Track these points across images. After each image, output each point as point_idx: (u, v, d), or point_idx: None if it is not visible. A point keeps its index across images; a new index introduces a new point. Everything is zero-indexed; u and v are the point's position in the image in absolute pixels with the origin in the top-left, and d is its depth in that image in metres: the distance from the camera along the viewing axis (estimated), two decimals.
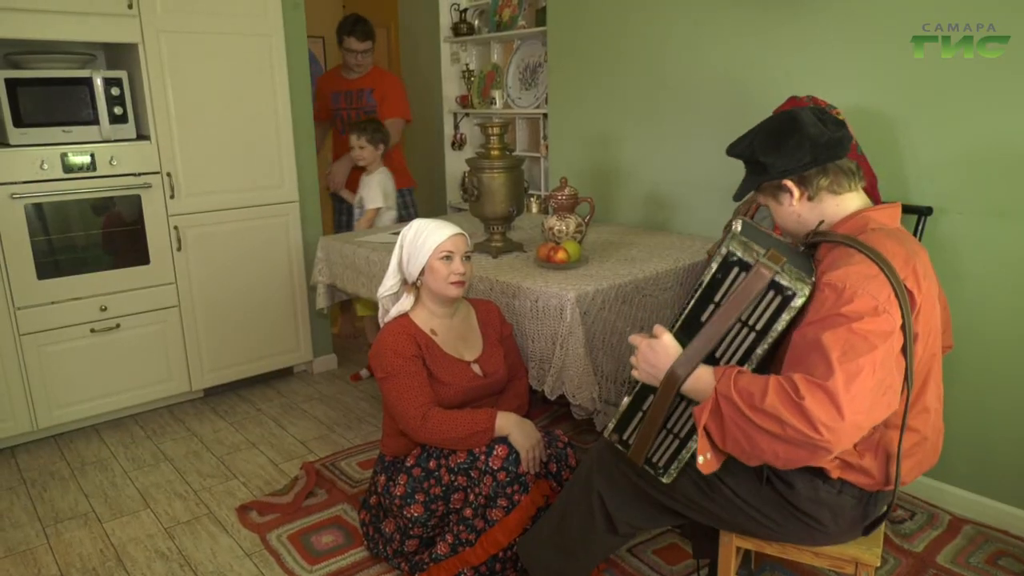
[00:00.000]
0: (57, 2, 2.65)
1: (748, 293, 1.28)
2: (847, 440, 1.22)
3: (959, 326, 2.05)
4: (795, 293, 1.25)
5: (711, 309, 1.34)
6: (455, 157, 4.41)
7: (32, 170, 2.70)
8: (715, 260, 1.33)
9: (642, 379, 1.44)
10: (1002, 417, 2.20)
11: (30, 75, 2.71)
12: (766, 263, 1.27)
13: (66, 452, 2.87)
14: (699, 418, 1.32)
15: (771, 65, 2.55)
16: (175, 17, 2.89)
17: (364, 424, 3.08)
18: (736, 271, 1.31)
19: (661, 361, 1.38)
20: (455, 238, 1.99)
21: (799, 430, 1.20)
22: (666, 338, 1.39)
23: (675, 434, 1.43)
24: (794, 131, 1.44)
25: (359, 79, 3.72)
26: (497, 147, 2.52)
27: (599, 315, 2.17)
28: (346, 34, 3.59)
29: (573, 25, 3.26)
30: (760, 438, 1.25)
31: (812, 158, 1.43)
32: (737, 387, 1.27)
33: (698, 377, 1.35)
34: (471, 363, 2.07)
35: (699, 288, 1.36)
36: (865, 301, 1.25)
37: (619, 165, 3.19)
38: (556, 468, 2.00)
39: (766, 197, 1.55)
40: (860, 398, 1.20)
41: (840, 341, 1.23)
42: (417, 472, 1.97)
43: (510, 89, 3.99)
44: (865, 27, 2.28)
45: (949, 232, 2.21)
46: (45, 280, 2.78)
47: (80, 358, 2.91)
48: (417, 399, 1.93)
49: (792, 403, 1.21)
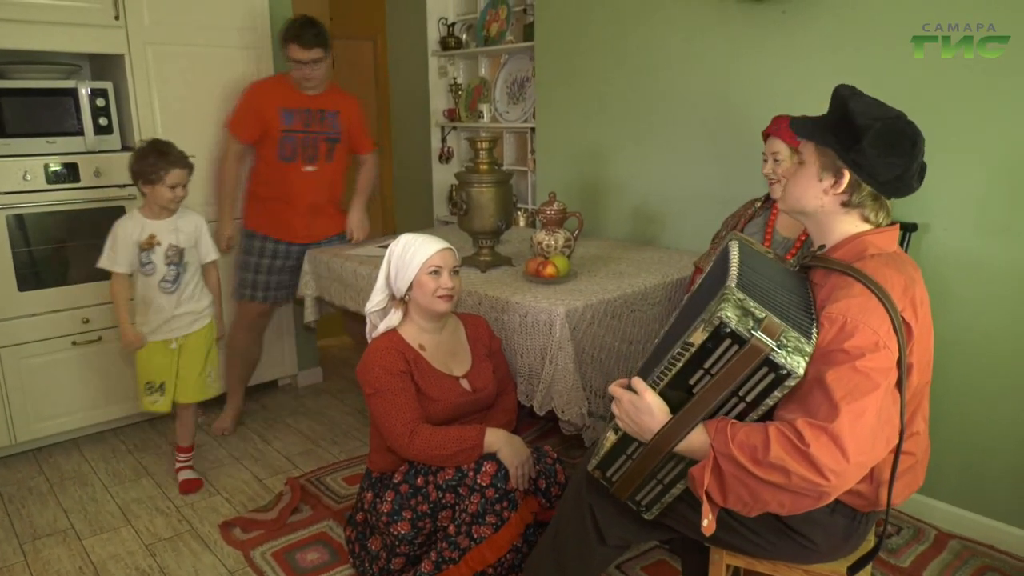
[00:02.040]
0: (43, 13, 2.63)
1: (741, 368, 1.21)
2: (851, 481, 1.21)
3: (945, 344, 2.06)
4: (789, 373, 1.18)
5: (701, 375, 1.26)
6: (443, 170, 4.41)
7: (15, 181, 2.66)
8: (706, 326, 1.21)
9: (626, 431, 1.38)
10: (988, 432, 2.22)
11: (14, 85, 2.68)
12: (761, 338, 1.17)
13: (45, 467, 2.82)
14: (699, 481, 1.26)
15: (760, 80, 2.57)
16: (162, 29, 2.88)
17: (350, 439, 3.05)
18: (728, 343, 1.20)
19: (646, 422, 1.32)
20: (443, 252, 1.98)
21: (806, 478, 1.18)
22: (650, 398, 1.32)
23: (660, 480, 1.40)
24: (911, 152, 1.35)
25: (319, 97, 2.98)
26: (485, 161, 2.52)
27: (588, 330, 2.16)
28: (290, 40, 2.81)
29: (560, 40, 3.28)
30: (764, 491, 1.22)
31: (887, 181, 1.36)
32: (736, 442, 1.23)
33: (690, 437, 1.29)
34: (460, 378, 2.06)
35: (687, 348, 1.25)
36: (866, 336, 1.23)
37: (607, 179, 3.20)
38: (545, 484, 1.99)
39: (808, 158, 1.42)
40: (863, 438, 1.19)
41: (843, 380, 1.20)
42: (404, 489, 1.95)
43: (498, 103, 4.00)
44: (853, 41, 2.31)
45: (935, 249, 2.23)
46: (26, 292, 2.74)
47: (61, 371, 2.86)
48: (405, 415, 1.91)
49: (797, 452, 1.18)
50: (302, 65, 2.83)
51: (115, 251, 2.43)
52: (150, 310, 2.50)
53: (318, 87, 2.97)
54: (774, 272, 1.42)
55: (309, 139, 2.96)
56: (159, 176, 2.38)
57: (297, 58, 2.82)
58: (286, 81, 2.95)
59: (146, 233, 2.44)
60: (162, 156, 2.39)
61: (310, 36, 2.80)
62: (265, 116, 2.89)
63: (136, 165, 2.41)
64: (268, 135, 2.91)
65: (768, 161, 2.10)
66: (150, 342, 2.51)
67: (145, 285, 2.49)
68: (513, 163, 4.05)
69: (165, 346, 2.53)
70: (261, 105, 2.90)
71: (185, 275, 2.53)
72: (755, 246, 1.52)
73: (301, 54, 2.81)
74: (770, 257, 1.51)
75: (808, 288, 1.43)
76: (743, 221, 2.23)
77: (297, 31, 2.80)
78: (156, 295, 2.49)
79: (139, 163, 2.40)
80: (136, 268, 2.46)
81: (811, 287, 1.44)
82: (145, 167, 2.39)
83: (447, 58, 4.27)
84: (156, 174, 2.38)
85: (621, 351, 2.30)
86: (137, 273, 2.48)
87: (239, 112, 2.93)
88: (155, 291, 2.49)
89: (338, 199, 3.15)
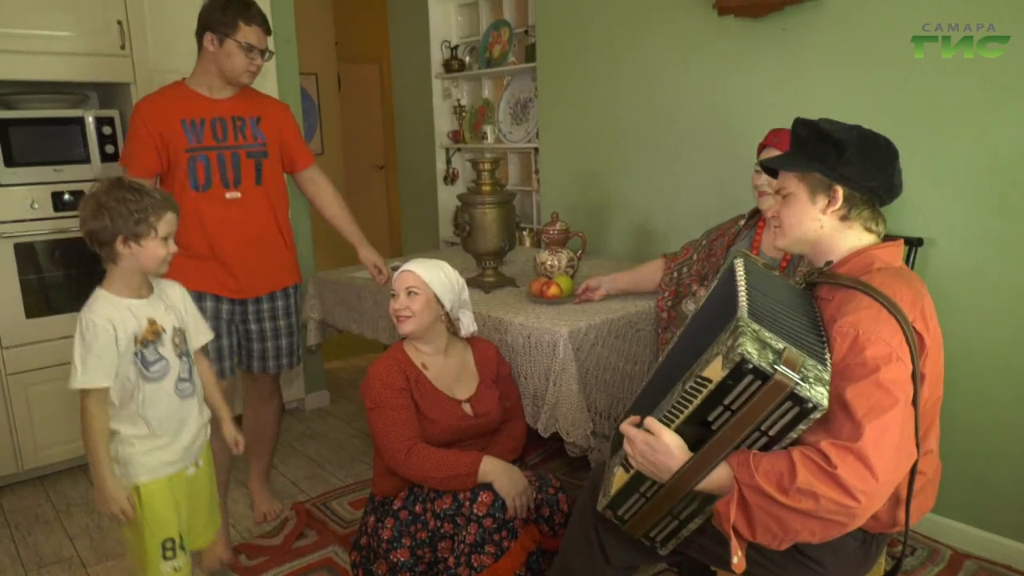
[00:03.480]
0: (52, 44, 2.68)
1: (764, 405, 1.17)
2: (881, 501, 1.19)
3: (954, 358, 2.04)
4: (815, 407, 1.15)
5: (720, 411, 1.22)
6: (447, 192, 4.42)
7: (22, 209, 2.69)
8: (725, 363, 1.17)
9: (641, 471, 1.33)
10: (1001, 449, 2.18)
11: (22, 115, 2.72)
12: (785, 373, 1.13)
13: (51, 493, 2.82)
14: (725, 516, 1.23)
15: (760, 96, 2.57)
16: (167, 57, 2.91)
17: (356, 463, 3.04)
18: (750, 379, 1.15)
19: (664, 462, 1.28)
20: (401, 275, 2.01)
21: (836, 501, 1.15)
22: (667, 438, 1.27)
23: (676, 516, 1.36)
24: (890, 155, 1.39)
25: (230, 102, 2.27)
26: (488, 183, 2.52)
27: (592, 350, 2.15)
28: (243, 18, 2.15)
29: (562, 61, 3.29)
30: (793, 520, 1.19)
31: (878, 186, 1.38)
32: (761, 471, 1.20)
33: (712, 473, 1.26)
34: (462, 402, 2.05)
35: (703, 384, 1.21)
36: (879, 347, 1.22)
37: (610, 198, 3.20)
38: (548, 512, 1.97)
39: (793, 189, 1.42)
40: (889, 456, 1.17)
41: (864, 396, 1.19)
42: (404, 515, 1.94)
43: (501, 124, 4.01)
44: (853, 57, 2.31)
45: (942, 263, 2.21)
46: (33, 319, 2.76)
47: (67, 397, 2.86)
48: (402, 432, 1.91)
49: (825, 474, 1.16)
50: (252, 54, 2.19)
51: (93, 358, 1.60)
52: (178, 432, 1.73)
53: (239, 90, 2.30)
54: (781, 293, 1.40)
55: (226, 156, 2.24)
56: (148, 226, 1.62)
57: (251, 42, 2.17)
58: (183, 88, 2.25)
59: (143, 320, 1.67)
60: (145, 196, 1.64)
61: (264, 18, 2.23)
62: (163, 135, 2.17)
63: (106, 218, 1.59)
64: (173, 161, 2.20)
65: (762, 173, 2.01)
66: (161, 478, 1.71)
67: (154, 397, 1.68)
68: (517, 183, 4.06)
69: (180, 478, 1.75)
70: (154, 121, 2.17)
71: (194, 367, 1.81)
72: (759, 263, 1.51)
73: (259, 38, 2.20)
74: (775, 275, 1.50)
75: (814, 306, 1.42)
76: (727, 238, 2.19)
77: (247, 9, 2.17)
78: (177, 405, 1.72)
79: (112, 214, 1.59)
80: (131, 377, 1.65)
81: (817, 304, 1.43)
82: (124, 218, 1.60)
83: (451, 80, 4.30)
84: (144, 223, 1.62)
85: (626, 371, 2.28)
86: (138, 384, 1.66)
87: (128, 139, 2.21)
88: (173, 400, 1.71)
89: (289, 232, 2.42)
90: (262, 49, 2.21)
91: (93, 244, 1.64)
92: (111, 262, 1.65)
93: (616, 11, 3.00)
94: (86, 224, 1.62)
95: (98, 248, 1.64)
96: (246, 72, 2.21)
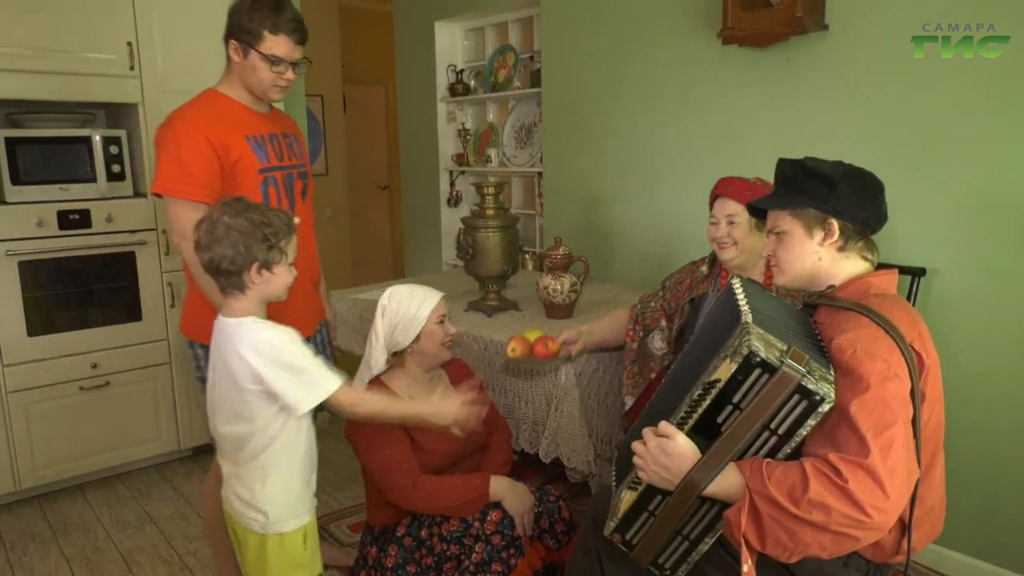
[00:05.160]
0: (62, 64, 2.70)
1: (772, 398, 1.18)
2: (893, 517, 1.19)
3: (958, 388, 2.03)
4: (823, 399, 1.17)
5: (729, 410, 1.23)
6: (451, 214, 4.44)
7: (28, 227, 2.70)
8: (733, 359, 1.20)
9: (651, 481, 1.32)
10: (1007, 480, 2.17)
11: (29, 134, 2.74)
12: (792, 365, 1.16)
13: (48, 513, 2.80)
14: (735, 524, 1.22)
15: (763, 124, 2.59)
16: (176, 78, 2.93)
17: (355, 484, 3.02)
18: (758, 373, 1.18)
19: (677, 466, 1.27)
20: (444, 300, 1.98)
21: (847, 515, 1.15)
22: (680, 440, 1.28)
23: (686, 536, 1.34)
24: (877, 187, 1.43)
25: (273, 118, 2.06)
26: (492, 206, 2.53)
27: (594, 376, 2.15)
28: (270, 28, 1.84)
29: (567, 87, 3.32)
30: (804, 532, 1.19)
31: (869, 216, 1.42)
32: (773, 480, 1.19)
33: (723, 477, 1.25)
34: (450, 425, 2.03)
35: (712, 386, 1.23)
36: (878, 363, 1.24)
37: (614, 222, 3.21)
38: (548, 523, 1.97)
39: (787, 227, 1.44)
40: (898, 471, 1.18)
41: (867, 410, 1.20)
42: (408, 542, 1.92)
43: (505, 148, 4.04)
44: (854, 85, 2.32)
45: (944, 293, 2.21)
46: (35, 337, 2.76)
47: (68, 416, 2.86)
48: (403, 467, 1.87)
49: (836, 487, 1.16)
50: (280, 67, 1.90)
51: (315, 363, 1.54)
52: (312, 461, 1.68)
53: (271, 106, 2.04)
54: (780, 311, 1.41)
55: (292, 176, 2.04)
56: (279, 251, 1.52)
57: (281, 56, 1.88)
58: (225, 98, 1.95)
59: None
60: (272, 218, 1.51)
61: (299, 23, 1.90)
62: (231, 152, 1.87)
63: (240, 246, 1.46)
64: (240, 183, 1.89)
65: (720, 223, 1.98)
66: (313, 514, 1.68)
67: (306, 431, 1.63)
68: (521, 207, 4.07)
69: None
70: (218, 134, 1.85)
71: None
72: (756, 284, 1.52)
73: (292, 50, 1.89)
74: (774, 296, 1.51)
75: (812, 326, 1.44)
76: (688, 281, 2.15)
77: (277, 14, 1.85)
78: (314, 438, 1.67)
79: (248, 241, 1.46)
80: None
81: (816, 327, 1.44)
82: (258, 244, 1.47)
83: (456, 104, 4.33)
84: (276, 249, 1.51)
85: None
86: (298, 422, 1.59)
87: (182, 158, 1.82)
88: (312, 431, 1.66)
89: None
90: (292, 60, 1.91)
91: (217, 274, 1.50)
92: (236, 291, 1.52)
93: (621, 39, 3.03)
94: (210, 251, 1.47)
95: (223, 278, 1.50)
96: (273, 87, 1.93)
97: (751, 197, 1.90)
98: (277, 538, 1.60)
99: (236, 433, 1.57)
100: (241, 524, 1.62)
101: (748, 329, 1.21)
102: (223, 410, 1.59)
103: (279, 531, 1.60)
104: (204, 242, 1.49)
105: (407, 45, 4.48)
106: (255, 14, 1.83)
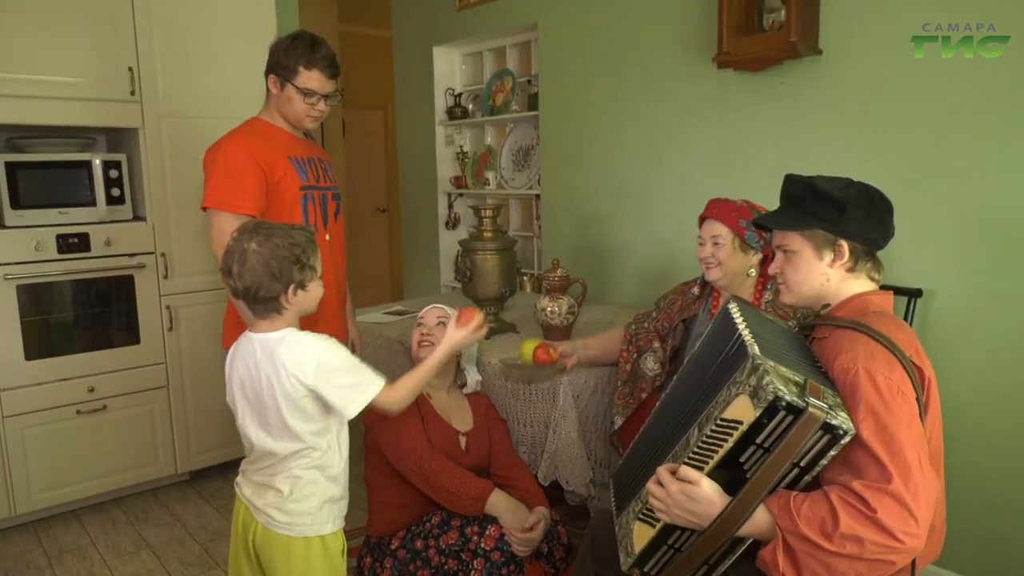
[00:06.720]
0: (63, 89, 2.72)
1: (800, 438, 1.18)
2: (923, 538, 1.19)
3: (957, 409, 2.03)
4: (846, 432, 1.18)
5: (752, 450, 1.22)
6: (449, 236, 4.45)
7: (26, 251, 2.71)
8: (756, 401, 1.19)
9: (675, 523, 1.31)
10: (1007, 501, 2.16)
11: (30, 159, 2.75)
12: (816, 404, 1.16)
13: (44, 539, 2.77)
14: (771, 564, 1.23)
15: (758, 147, 2.61)
16: (177, 103, 2.96)
17: (354, 508, 2.98)
18: (783, 415, 1.17)
19: (706, 511, 1.26)
20: (429, 311, 2.14)
21: (881, 544, 1.17)
22: (706, 486, 1.26)
23: (706, 561, 1.33)
24: (886, 208, 1.43)
25: (309, 145, 2.25)
26: (490, 229, 2.54)
27: (592, 398, 2.15)
28: (305, 63, 2.03)
29: (564, 111, 3.35)
30: (839, 563, 1.19)
31: (877, 236, 1.42)
32: (802, 517, 1.20)
33: (752, 517, 1.25)
34: (460, 434, 2.06)
35: (733, 426, 1.22)
36: (880, 381, 1.24)
37: (611, 244, 3.23)
38: (547, 548, 1.96)
39: (796, 247, 1.44)
40: (920, 492, 1.18)
41: (877, 434, 1.21)
42: (402, 554, 1.93)
43: (503, 170, 4.06)
44: (848, 108, 2.34)
45: (941, 314, 2.21)
46: (33, 361, 2.75)
47: (64, 441, 2.85)
48: (418, 438, 1.93)
49: (866, 519, 1.17)
50: (312, 99, 2.07)
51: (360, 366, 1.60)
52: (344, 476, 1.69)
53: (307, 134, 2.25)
54: (779, 336, 1.41)
55: (328, 196, 2.21)
56: (311, 269, 1.57)
57: (314, 88, 2.05)
58: (269, 125, 2.14)
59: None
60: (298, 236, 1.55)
61: (332, 60, 2.08)
62: (275, 169, 2.04)
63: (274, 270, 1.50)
64: (281, 200, 2.06)
65: (706, 245, 2.02)
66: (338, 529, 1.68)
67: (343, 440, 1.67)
68: (519, 229, 4.09)
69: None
70: (262, 153, 2.03)
71: None
72: (749, 305, 1.52)
73: (324, 84, 2.06)
74: (769, 318, 1.51)
75: (808, 346, 1.44)
76: (680, 303, 2.17)
77: (312, 51, 2.03)
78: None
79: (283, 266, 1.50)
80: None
81: (813, 344, 1.45)
82: (292, 267, 1.51)
83: (454, 127, 4.36)
84: (307, 268, 1.55)
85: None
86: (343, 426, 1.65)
87: (231, 175, 1.98)
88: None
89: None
90: (325, 93, 2.08)
91: (254, 302, 1.52)
92: (273, 313, 1.54)
93: (617, 63, 3.06)
94: (243, 280, 1.49)
95: (259, 305, 1.53)
96: (307, 117, 2.11)
97: (736, 219, 1.94)
98: (319, 540, 1.60)
99: (286, 444, 1.57)
100: (281, 533, 1.59)
101: (764, 367, 1.20)
102: (270, 425, 1.58)
103: (319, 533, 1.60)
104: (236, 272, 1.50)
105: (406, 70, 4.52)
106: (292, 51, 2.02)
